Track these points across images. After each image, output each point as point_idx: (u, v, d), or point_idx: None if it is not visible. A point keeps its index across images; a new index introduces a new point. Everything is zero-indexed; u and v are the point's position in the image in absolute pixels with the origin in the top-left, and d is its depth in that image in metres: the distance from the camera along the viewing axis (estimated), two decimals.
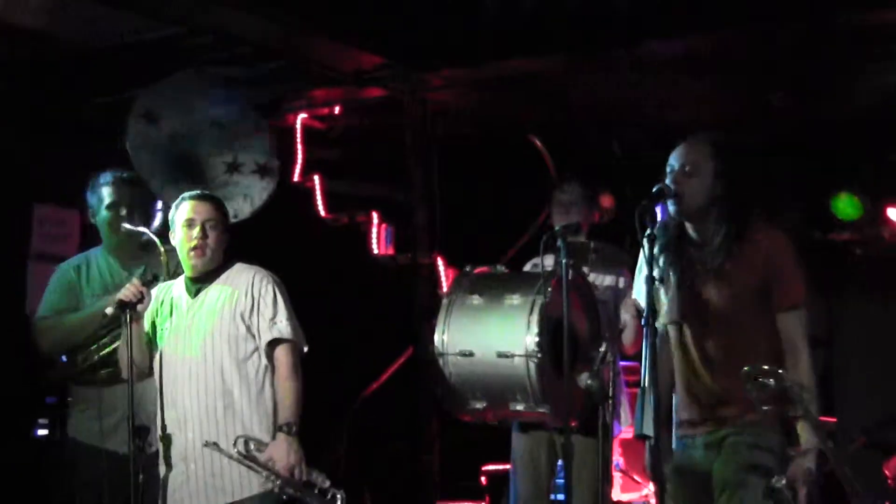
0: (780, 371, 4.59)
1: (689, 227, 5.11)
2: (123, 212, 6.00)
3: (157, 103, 6.79)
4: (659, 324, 5.08)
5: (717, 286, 5.01)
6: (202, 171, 6.83)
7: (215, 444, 5.37)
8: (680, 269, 5.09)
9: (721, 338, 5.02)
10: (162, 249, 5.79)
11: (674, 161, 5.07)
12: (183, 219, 5.52)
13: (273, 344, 5.53)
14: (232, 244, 5.71)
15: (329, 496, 5.45)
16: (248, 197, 6.70)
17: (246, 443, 5.39)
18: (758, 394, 4.60)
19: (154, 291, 5.62)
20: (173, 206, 5.64)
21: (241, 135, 6.95)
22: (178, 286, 5.66)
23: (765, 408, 4.68)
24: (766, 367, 4.59)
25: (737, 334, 5.01)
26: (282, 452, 5.38)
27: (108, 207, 6.05)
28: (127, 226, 5.93)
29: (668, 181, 5.05)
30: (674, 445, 5.10)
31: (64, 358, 6.01)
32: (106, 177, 6.15)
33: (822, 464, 4.84)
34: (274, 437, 5.45)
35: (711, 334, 5.04)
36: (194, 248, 5.50)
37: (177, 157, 6.77)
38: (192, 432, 5.47)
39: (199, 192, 5.72)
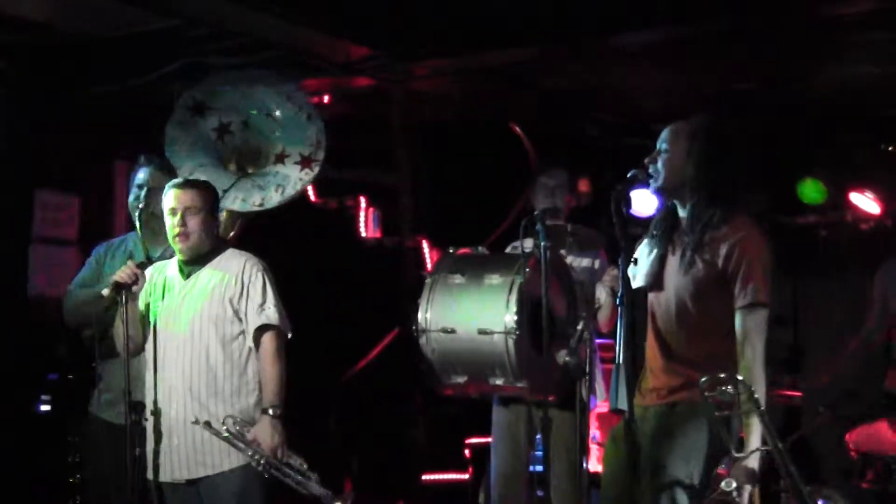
0: (740, 378, 4.55)
1: (679, 208, 5.10)
2: (143, 194, 5.99)
3: (206, 96, 6.73)
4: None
5: (682, 267, 4.99)
6: (257, 162, 6.74)
7: (207, 423, 5.45)
8: (663, 244, 5.09)
9: (673, 317, 5.02)
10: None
11: (658, 144, 5.11)
12: (168, 207, 5.58)
13: (261, 329, 5.56)
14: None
15: (306, 476, 5.50)
16: (280, 187, 6.62)
17: (234, 422, 5.41)
18: (714, 399, 4.59)
19: (148, 272, 5.63)
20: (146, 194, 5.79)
21: (291, 124, 6.85)
22: (171, 267, 5.71)
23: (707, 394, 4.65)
24: (723, 376, 4.57)
25: (697, 308, 4.97)
26: (266, 433, 5.44)
27: (135, 189, 6.09)
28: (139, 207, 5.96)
29: (647, 161, 5.07)
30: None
31: (86, 333, 6.01)
32: (142, 160, 6.23)
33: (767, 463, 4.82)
34: (258, 419, 5.48)
35: (666, 311, 5.04)
36: (177, 235, 5.56)
37: (233, 150, 6.67)
38: (177, 408, 5.54)
39: (182, 179, 5.77)
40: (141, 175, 6.20)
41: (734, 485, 4.64)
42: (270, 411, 5.46)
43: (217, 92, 6.78)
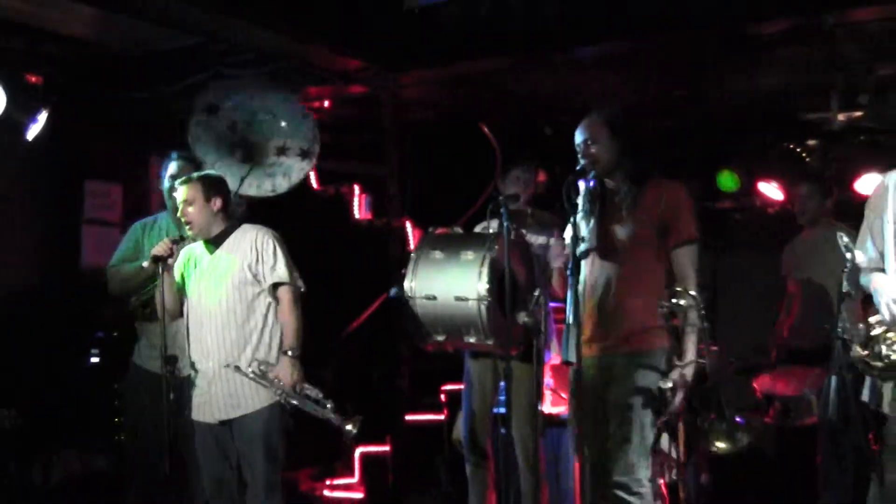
0: (692, 293, 4.74)
1: (607, 181, 5.17)
2: (174, 184, 6.00)
3: (219, 98, 6.78)
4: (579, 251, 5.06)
5: (624, 224, 5.07)
6: (257, 153, 6.82)
7: (237, 367, 5.52)
8: (598, 214, 5.14)
9: (622, 266, 5.06)
10: None
11: (577, 138, 5.17)
12: (180, 199, 5.66)
13: (275, 286, 5.62)
14: (256, 210, 6.05)
15: (321, 405, 5.59)
16: (286, 175, 6.69)
17: (259, 364, 5.52)
18: (668, 312, 4.77)
19: (183, 251, 5.70)
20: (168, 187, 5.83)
21: (290, 122, 6.93)
22: (199, 246, 5.74)
23: (657, 327, 4.77)
24: (678, 289, 4.76)
25: (635, 263, 5.05)
26: (286, 371, 5.55)
27: (168, 179, 6.15)
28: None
29: (579, 155, 5.12)
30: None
31: (133, 300, 6.10)
32: (171, 155, 6.27)
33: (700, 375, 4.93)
34: (279, 360, 5.57)
35: (615, 262, 5.07)
36: (184, 224, 5.66)
37: (235, 141, 6.76)
38: (213, 361, 5.60)
39: (184, 177, 5.78)
40: (171, 167, 6.27)
41: (669, 384, 4.81)
42: (289, 352, 5.56)
43: (226, 94, 6.84)
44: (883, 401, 4.67)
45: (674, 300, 4.75)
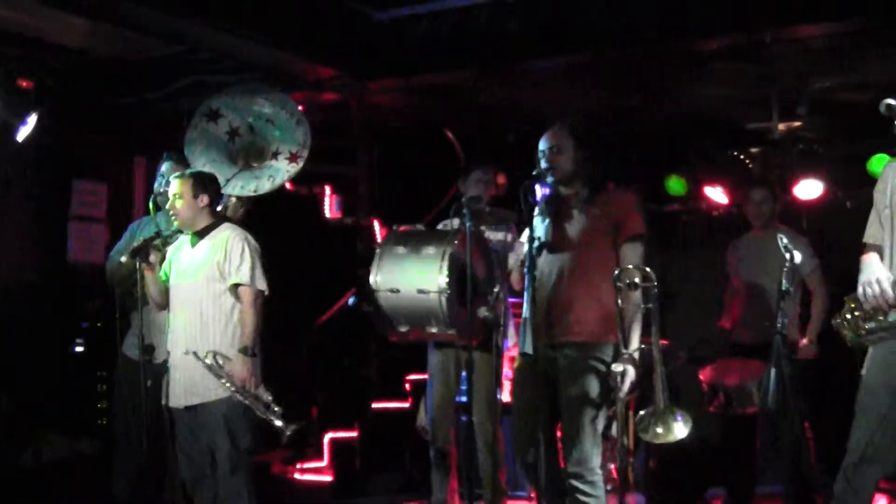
0: (647, 270, 4.82)
1: (561, 189, 5.18)
2: (164, 182, 6.06)
3: (220, 104, 6.81)
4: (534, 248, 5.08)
5: (576, 222, 5.09)
6: (257, 158, 6.85)
7: (194, 352, 5.48)
8: (554, 215, 5.14)
9: (574, 261, 5.05)
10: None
11: (543, 145, 5.15)
12: (172, 194, 5.68)
13: (236, 286, 5.60)
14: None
15: (270, 409, 5.50)
16: (272, 178, 6.66)
17: (215, 356, 5.49)
18: (627, 290, 4.83)
19: (170, 249, 5.73)
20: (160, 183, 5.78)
21: (286, 128, 6.97)
22: (184, 239, 5.76)
23: (607, 320, 4.85)
24: (631, 267, 4.82)
25: (586, 259, 5.05)
26: (238, 368, 5.48)
27: (159, 177, 6.16)
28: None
29: (542, 161, 5.12)
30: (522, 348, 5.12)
31: (118, 291, 6.05)
32: (165, 156, 6.27)
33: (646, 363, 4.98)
34: (234, 357, 5.52)
35: (567, 258, 5.06)
36: (172, 216, 5.68)
37: (234, 146, 6.78)
38: (180, 349, 5.59)
39: (180, 173, 5.81)
40: (163, 167, 6.29)
41: (621, 368, 4.84)
42: (243, 350, 5.48)
43: (228, 101, 6.81)
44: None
45: (631, 279, 4.82)
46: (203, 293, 5.58)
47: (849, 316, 4.59)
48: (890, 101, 4.42)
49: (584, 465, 4.99)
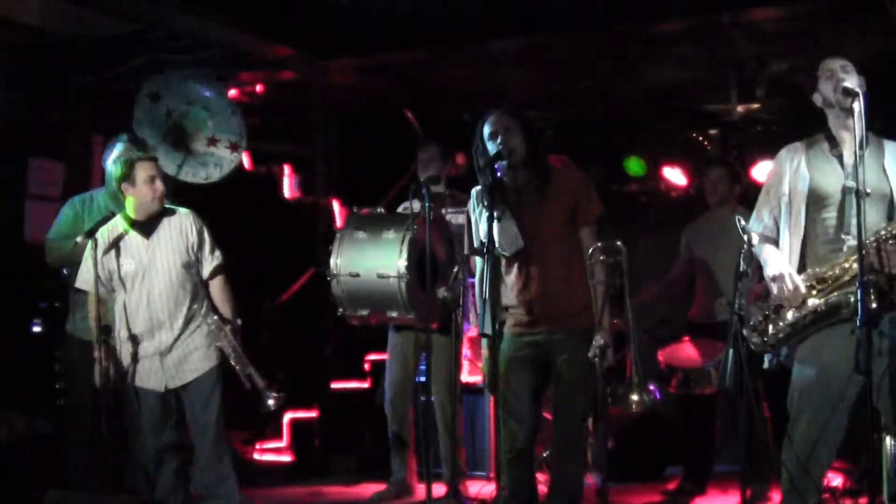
0: (619, 244, 4.92)
1: (506, 179, 5.11)
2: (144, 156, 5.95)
3: (161, 86, 6.83)
4: (506, 253, 5.08)
5: (538, 215, 5.06)
6: (189, 141, 6.88)
7: (225, 323, 5.72)
8: (511, 210, 5.07)
9: (548, 255, 5.06)
10: None
11: (491, 128, 5.08)
12: (146, 175, 5.59)
13: (216, 269, 5.75)
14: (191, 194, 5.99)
15: (254, 376, 5.67)
16: (218, 166, 6.79)
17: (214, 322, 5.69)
18: (604, 267, 4.94)
19: (104, 229, 5.65)
20: (123, 163, 5.64)
21: (221, 117, 6.98)
22: (115, 229, 5.68)
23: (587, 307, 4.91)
24: (608, 244, 4.90)
25: (558, 250, 5.07)
26: (234, 336, 5.71)
27: (114, 159, 6.01)
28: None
29: (492, 145, 5.04)
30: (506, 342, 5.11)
31: (65, 271, 6.03)
32: (120, 136, 6.23)
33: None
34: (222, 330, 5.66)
35: (540, 253, 5.06)
36: (157, 198, 5.62)
37: (171, 128, 6.81)
38: (165, 334, 5.64)
39: (150, 154, 5.86)
40: (118, 147, 6.17)
41: (601, 342, 4.89)
42: (238, 322, 5.77)
43: (168, 84, 6.90)
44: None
45: (607, 256, 4.92)
46: (184, 279, 5.67)
47: (760, 319, 4.68)
48: (847, 84, 4.50)
49: (576, 443, 5.16)
